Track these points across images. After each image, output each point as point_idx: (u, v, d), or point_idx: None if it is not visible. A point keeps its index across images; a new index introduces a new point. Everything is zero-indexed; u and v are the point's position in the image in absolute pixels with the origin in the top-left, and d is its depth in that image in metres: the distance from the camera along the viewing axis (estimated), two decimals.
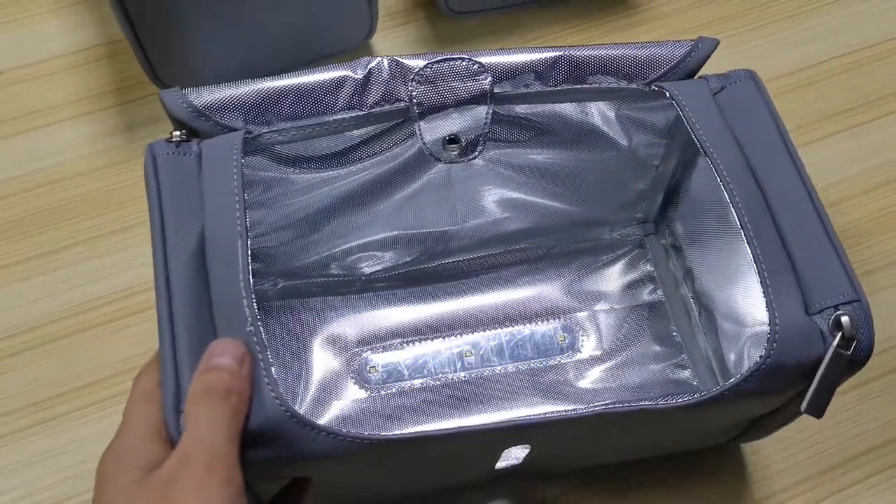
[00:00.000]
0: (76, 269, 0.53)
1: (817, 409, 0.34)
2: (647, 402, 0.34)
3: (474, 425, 0.33)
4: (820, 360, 0.34)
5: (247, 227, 0.33)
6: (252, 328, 0.31)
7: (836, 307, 0.35)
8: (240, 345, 0.31)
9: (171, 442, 0.31)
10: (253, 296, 0.32)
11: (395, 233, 0.49)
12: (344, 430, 0.31)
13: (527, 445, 0.38)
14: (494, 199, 0.49)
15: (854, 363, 0.35)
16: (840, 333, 0.34)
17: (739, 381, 0.34)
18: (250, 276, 0.32)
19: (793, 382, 0.35)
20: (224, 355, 0.30)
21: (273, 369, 0.31)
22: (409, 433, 0.33)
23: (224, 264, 0.33)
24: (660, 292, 0.52)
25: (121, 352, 0.50)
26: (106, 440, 0.48)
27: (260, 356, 0.31)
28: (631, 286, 0.52)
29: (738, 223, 0.36)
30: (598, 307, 0.51)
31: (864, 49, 0.63)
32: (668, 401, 0.34)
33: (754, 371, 0.33)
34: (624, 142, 0.47)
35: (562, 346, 0.50)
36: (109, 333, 0.51)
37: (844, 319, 0.34)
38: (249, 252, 0.33)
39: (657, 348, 0.50)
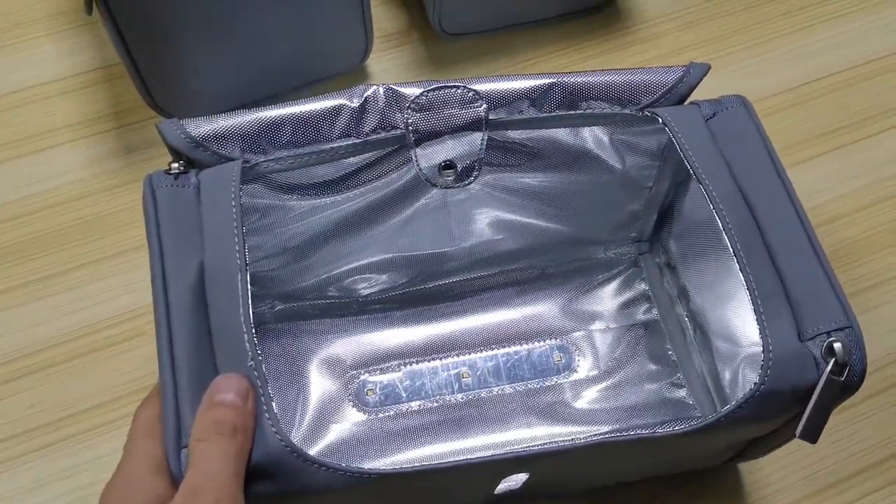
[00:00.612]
0: (75, 293, 0.53)
1: (812, 435, 0.35)
2: (644, 431, 0.34)
3: (472, 458, 0.33)
4: (813, 386, 0.35)
5: (246, 260, 0.34)
6: (253, 363, 0.32)
7: (828, 333, 0.35)
8: (244, 380, 0.31)
9: (172, 477, 0.31)
10: (253, 330, 0.32)
11: (391, 255, 0.50)
12: (343, 465, 0.31)
13: (525, 473, 0.38)
14: (490, 221, 0.50)
15: (847, 388, 0.35)
16: (833, 360, 0.34)
17: (734, 407, 0.34)
18: (251, 311, 0.32)
19: (787, 408, 0.35)
20: (228, 391, 0.31)
21: (273, 402, 0.32)
22: (408, 467, 0.33)
23: (224, 298, 0.33)
24: (655, 311, 0.52)
25: (122, 376, 0.51)
26: (108, 465, 0.48)
27: (261, 390, 0.31)
28: (626, 305, 0.52)
29: (732, 250, 0.37)
30: (593, 327, 0.52)
31: (851, 69, 0.64)
32: (665, 429, 0.34)
33: (749, 398, 0.34)
34: (617, 165, 0.47)
35: (558, 366, 0.50)
36: (110, 357, 0.51)
37: (837, 346, 0.35)
38: (249, 285, 0.33)
39: (653, 367, 0.50)
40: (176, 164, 0.38)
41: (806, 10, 0.67)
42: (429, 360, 0.50)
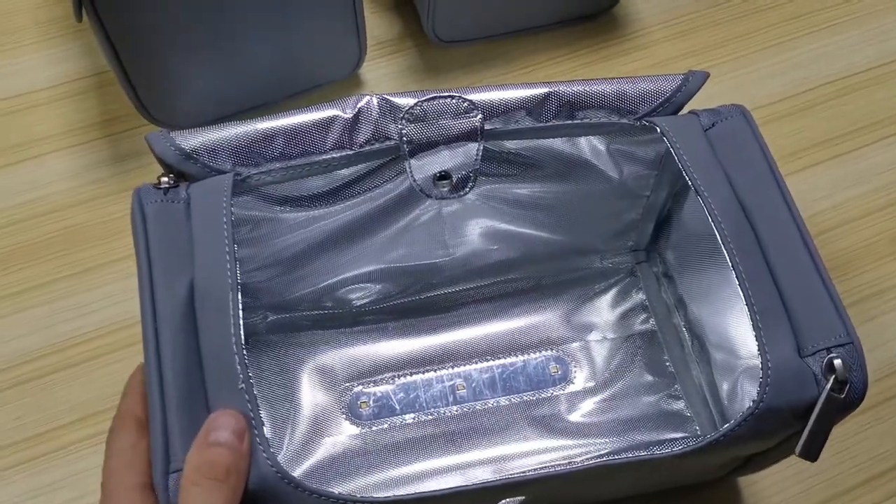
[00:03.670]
0: (61, 303, 0.52)
1: (811, 453, 0.34)
2: (641, 453, 0.33)
3: (467, 486, 0.33)
4: (813, 403, 0.34)
5: (238, 279, 0.33)
6: (244, 385, 0.31)
7: (828, 349, 0.35)
8: (240, 418, 0.31)
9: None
10: (245, 351, 0.31)
11: (385, 266, 0.49)
12: (336, 493, 0.30)
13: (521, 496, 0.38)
14: (485, 231, 0.49)
15: (847, 406, 0.35)
16: (833, 377, 0.34)
17: (734, 426, 0.33)
18: (242, 332, 0.31)
19: (786, 425, 0.35)
20: (224, 430, 0.30)
21: (265, 425, 0.31)
22: (402, 496, 0.32)
23: (214, 317, 0.32)
24: (652, 321, 0.52)
25: (107, 388, 0.50)
26: (91, 479, 0.47)
27: (251, 414, 0.31)
28: (623, 315, 0.52)
29: (730, 263, 0.36)
30: (590, 337, 0.51)
31: (849, 77, 0.64)
32: (663, 450, 0.33)
33: (748, 416, 0.33)
34: (614, 174, 0.47)
35: (554, 377, 0.50)
36: (95, 369, 0.50)
37: (837, 363, 0.34)
38: (241, 306, 0.32)
39: (650, 378, 0.50)
40: (165, 179, 0.37)
41: (802, 18, 0.66)
42: (423, 372, 0.49)
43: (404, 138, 0.41)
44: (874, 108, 0.62)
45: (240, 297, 0.32)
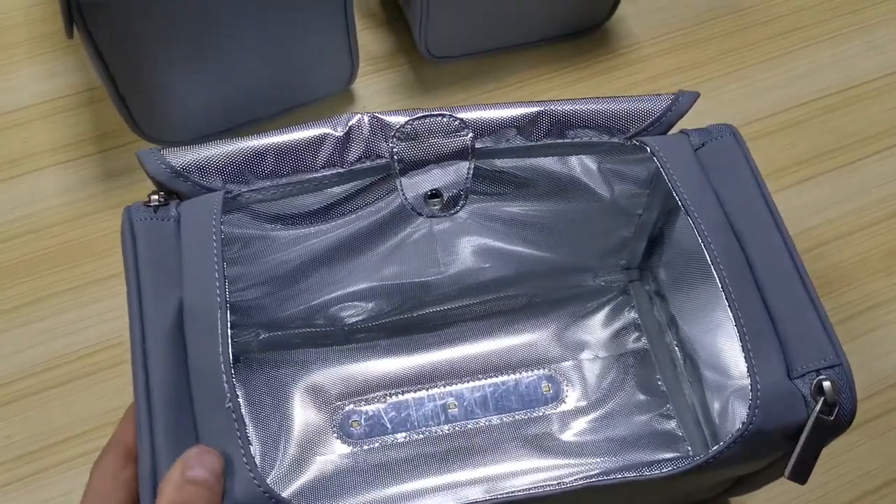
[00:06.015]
0: (52, 321, 0.52)
1: (801, 476, 0.34)
2: (631, 474, 0.33)
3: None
4: (803, 425, 0.34)
5: (227, 298, 0.33)
6: (231, 405, 0.31)
7: (818, 371, 0.35)
8: (217, 458, 0.31)
9: None
10: (232, 371, 0.31)
11: (377, 284, 0.49)
12: None
13: None
14: (477, 249, 0.49)
15: (836, 427, 0.34)
16: (822, 399, 0.34)
17: (723, 448, 0.33)
18: (230, 351, 0.31)
19: (776, 446, 0.35)
20: (200, 467, 0.30)
21: (252, 446, 0.31)
22: None
23: (203, 337, 0.32)
24: (644, 340, 0.52)
25: (103, 405, 0.50)
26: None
27: (238, 433, 0.31)
28: (616, 334, 0.52)
29: (720, 284, 0.36)
30: (582, 356, 0.51)
31: (839, 92, 0.64)
32: (653, 471, 0.33)
33: (737, 438, 0.33)
34: (606, 193, 0.47)
35: (546, 396, 0.50)
36: (91, 386, 0.50)
37: (826, 385, 0.34)
38: (229, 323, 0.32)
39: (642, 398, 0.50)
40: (156, 196, 0.37)
41: (794, 33, 0.67)
42: (415, 391, 0.49)
43: (395, 156, 0.41)
44: (865, 124, 0.62)
45: (228, 316, 0.32)
